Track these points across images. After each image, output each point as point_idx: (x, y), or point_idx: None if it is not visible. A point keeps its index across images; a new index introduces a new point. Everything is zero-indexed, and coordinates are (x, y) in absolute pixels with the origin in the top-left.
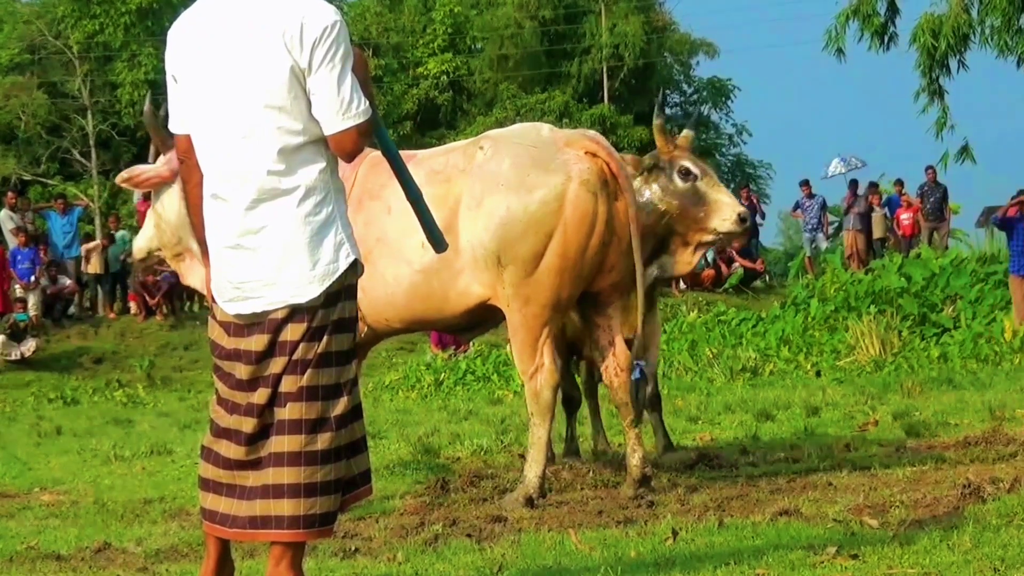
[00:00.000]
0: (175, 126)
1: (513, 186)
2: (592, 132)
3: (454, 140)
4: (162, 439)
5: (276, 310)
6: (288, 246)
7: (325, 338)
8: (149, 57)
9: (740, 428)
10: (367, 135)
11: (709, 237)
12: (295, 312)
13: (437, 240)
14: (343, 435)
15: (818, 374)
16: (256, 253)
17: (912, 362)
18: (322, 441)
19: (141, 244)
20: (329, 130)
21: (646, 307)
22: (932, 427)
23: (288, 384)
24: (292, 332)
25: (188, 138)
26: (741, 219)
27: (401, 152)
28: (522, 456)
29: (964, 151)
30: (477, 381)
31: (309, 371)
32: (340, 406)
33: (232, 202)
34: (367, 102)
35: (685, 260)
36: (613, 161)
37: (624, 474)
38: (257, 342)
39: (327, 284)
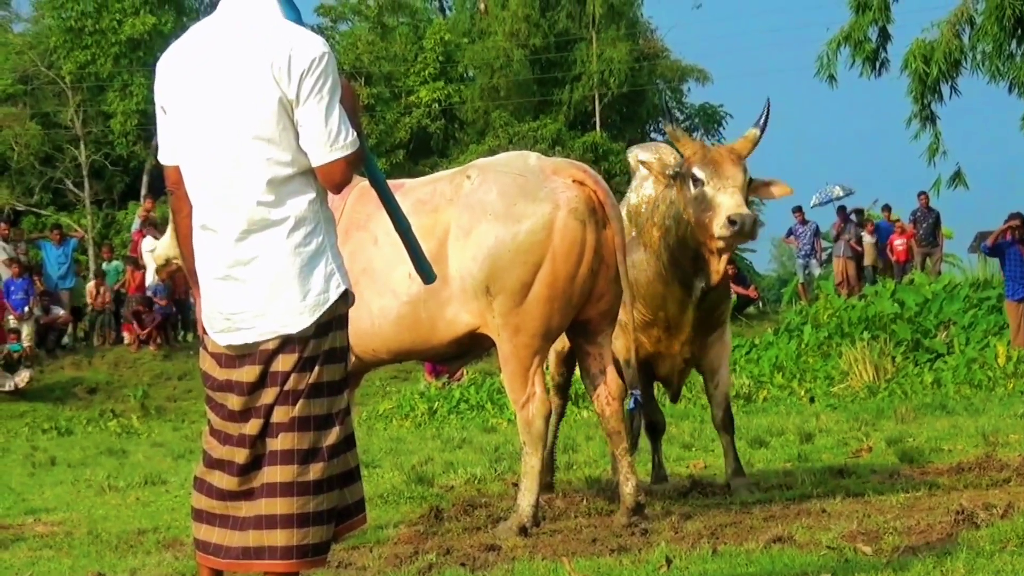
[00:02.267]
0: (164, 157)
1: (501, 215)
2: (579, 163)
3: (447, 168)
4: (156, 469)
5: (267, 341)
6: (278, 277)
7: (316, 368)
8: (140, 87)
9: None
10: (355, 166)
11: (718, 243)
12: (286, 343)
13: (426, 271)
14: (336, 465)
15: (812, 400)
16: (246, 284)
17: (906, 388)
18: (314, 471)
19: (160, 252)
20: (317, 161)
21: (713, 326)
22: (926, 453)
23: (280, 415)
24: (283, 363)
25: (177, 169)
26: (730, 222)
27: (389, 182)
28: (515, 485)
29: (957, 177)
30: (471, 409)
31: (301, 401)
32: (332, 436)
33: (222, 233)
34: (355, 133)
35: (713, 269)
36: (600, 189)
37: (618, 503)
38: (248, 373)
39: (318, 314)
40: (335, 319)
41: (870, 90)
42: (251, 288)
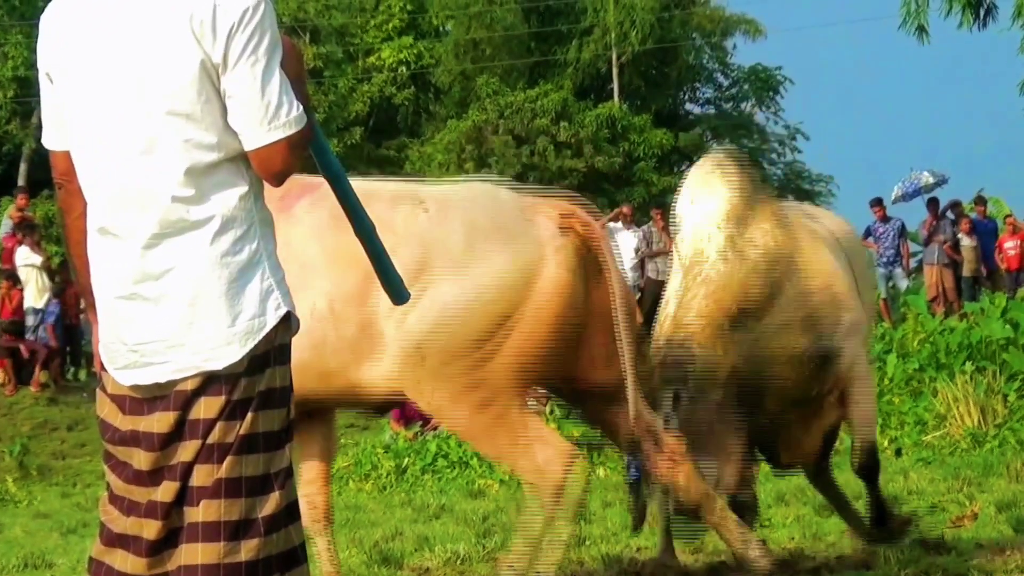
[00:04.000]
0: (50, 140)
1: (462, 263)
2: (563, 194)
3: (418, 151)
4: (39, 548)
5: (185, 379)
6: (199, 295)
7: (250, 415)
8: (18, 48)
9: (797, 525)
10: (301, 148)
11: None
12: (210, 382)
13: (396, 288)
14: (274, 542)
15: (898, 453)
16: (158, 305)
17: (1021, 436)
18: (247, 550)
19: None
20: (251, 144)
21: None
22: None
23: (202, 476)
24: (206, 408)
25: (67, 156)
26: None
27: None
28: (510, 565)
29: None
30: (451, 467)
31: (229, 458)
32: (270, 504)
33: (126, 238)
34: (300, 107)
35: None
36: (594, 230)
37: None
38: (160, 421)
39: (250, 344)
40: (274, 350)
41: (972, 45)
42: (164, 310)
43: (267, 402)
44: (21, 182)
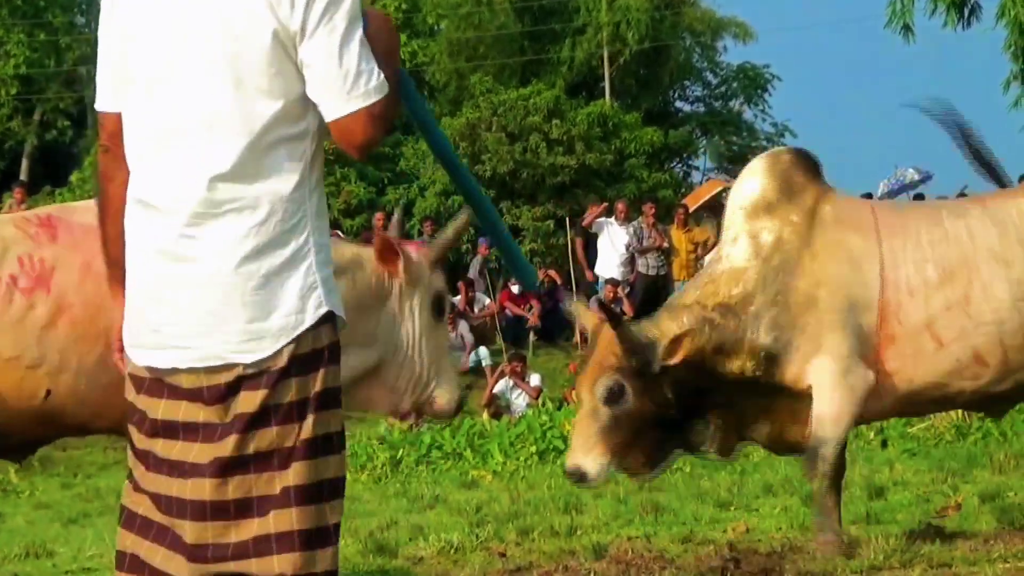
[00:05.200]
0: (104, 101)
1: None
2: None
3: (412, 148)
4: (40, 537)
5: (217, 371)
6: (236, 284)
7: (311, 417)
8: (20, 45)
9: (784, 515)
10: (384, 120)
11: None
12: (249, 378)
13: (526, 274)
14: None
15: (884, 444)
16: (190, 288)
17: (1004, 428)
18: (322, 560)
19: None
20: (331, 114)
21: None
22: None
23: (262, 484)
24: (244, 403)
25: (118, 119)
26: None
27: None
28: (502, 554)
29: None
30: (445, 459)
31: (296, 464)
32: (339, 510)
33: (167, 214)
34: (382, 75)
35: None
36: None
37: None
38: (198, 412)
39: (283, 341)
40: (326, 349)
41: (956, 45)
42: (196, 294)
43: (327, 403)
44: (23, 178)
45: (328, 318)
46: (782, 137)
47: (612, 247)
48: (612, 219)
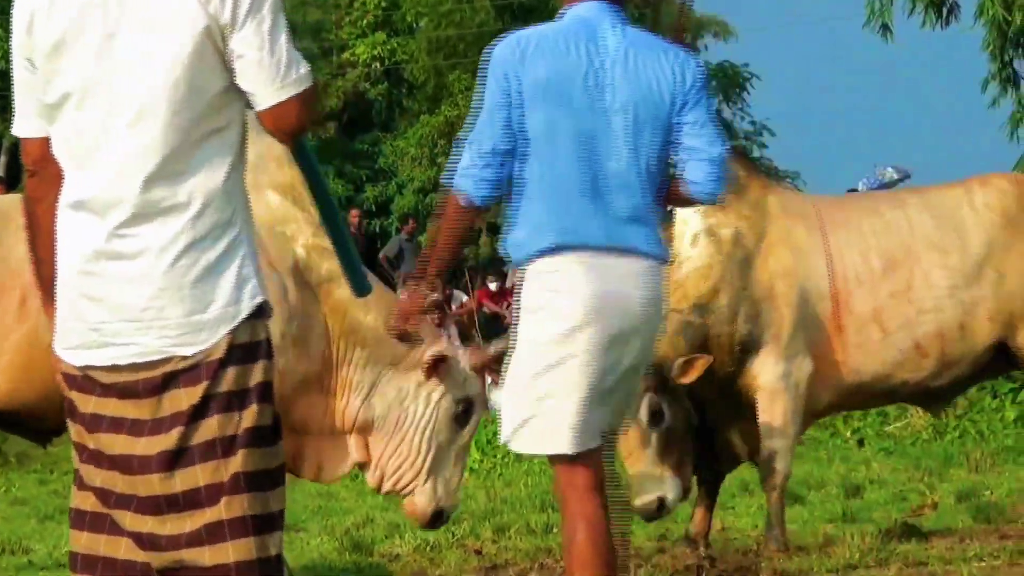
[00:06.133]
0: (24, 126)
1: None
2: None
3: (391, 145)
4: (16, 534)
5: (153, 364)
6: (173, 279)
7: (255, 407)
8: None
9: (761, 513)
10: (312, 106)
11: None
12: (186, 370)
13: (360, 280)
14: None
15: (860, 443)
16: (128, 285)
17: (981, 427)
18: (274, 544)
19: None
20: (263, 103)
21: None
22: (1006, 511)
23: (208, 473)
24: (187, 397)
25: (43, 143)
26: None
27: None
28: (478, 552)
29: None
30: None
31: (242, 452)
32: (281, 498)
33: (102, 215)
34: (307, 64)
35: None
36: None
37: None
38: (137, 409)
39: (222, 332)
40: (263, 343)
41: (935, 44)
42: (133, 291)
43: (265, 396)
44: (1, 173)
45: (262, 313)
46: (760, 136)
47: None
48: None
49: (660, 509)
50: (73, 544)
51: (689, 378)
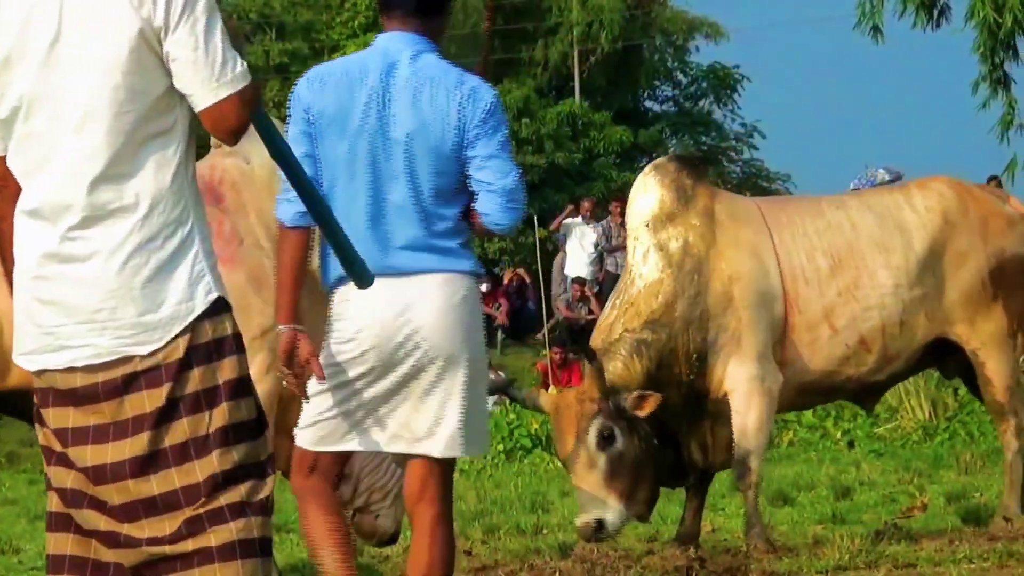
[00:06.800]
0: None
1: None
2: None
3: None
4: (7, 533)
5: (110, 365)
6: (125, 280)
7: (225, 405)
8: None
9: None
10: (252, 104)
11: None
12: (147, 371)
13: (360, 271)
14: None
15: (850, 445)
16: (81, 287)
17: (971, 429)
18: (258, 526)
19: None
20: (202, 103)
21: None
22: (996, 513)
23: (184, 476)
24: (150, 400)
25: (2, 162)
26: None
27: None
28: (468, 553)
29: None
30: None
31: (217, 451)
32: (268, 487)
33: (54, 220)
34: (245, 63)
35: None
36: None
37: None
38: (95, 415)
39: (176, 330)
40: (229, 339)
41: (925, 46)
42: (86, 293)
43: (239, 392)
44: None
45: (224, 307)
46: (751, 137)
47: (581, 247)
48: (579, 218)
49: (599, 530)
50: (53, 547)
51: (643, 412)
